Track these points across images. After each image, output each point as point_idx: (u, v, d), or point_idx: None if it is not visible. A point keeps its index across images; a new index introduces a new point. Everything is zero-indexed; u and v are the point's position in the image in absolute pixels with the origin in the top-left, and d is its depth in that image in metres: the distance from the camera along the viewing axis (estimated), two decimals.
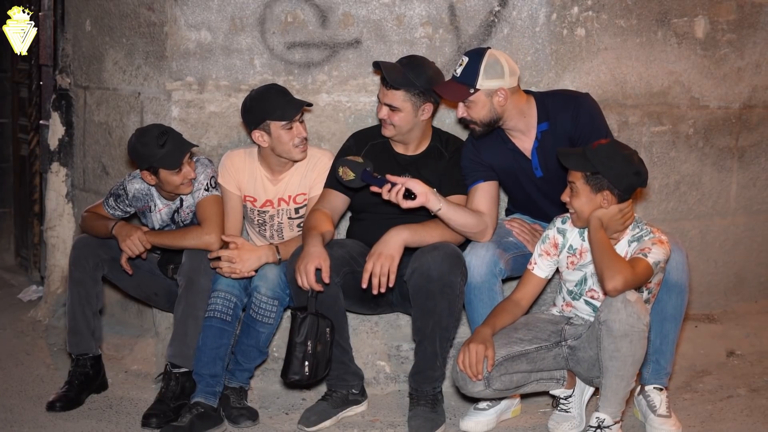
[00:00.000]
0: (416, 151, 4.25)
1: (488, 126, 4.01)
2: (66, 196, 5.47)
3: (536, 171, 4.10)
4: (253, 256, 4.09)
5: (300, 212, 4.34)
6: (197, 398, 4.01)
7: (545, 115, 4.05)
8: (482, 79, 3.92)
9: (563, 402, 4.03)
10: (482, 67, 3.92)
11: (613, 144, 3.76)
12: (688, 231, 5.04)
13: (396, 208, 3.97)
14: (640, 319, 3.56)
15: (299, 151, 4.23)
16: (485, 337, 3.75)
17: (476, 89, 3.92)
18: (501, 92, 3.94)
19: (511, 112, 4.00)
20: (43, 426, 4.01)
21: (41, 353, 4.90)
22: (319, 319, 3.90)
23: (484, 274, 3.97)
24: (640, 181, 3.75)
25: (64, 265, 5.20)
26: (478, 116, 3.98)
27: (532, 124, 4.06)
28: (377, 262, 3.85)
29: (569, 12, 4.60)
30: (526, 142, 4.09)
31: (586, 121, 4.00)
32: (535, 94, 4.12)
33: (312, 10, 4.58)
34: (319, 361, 3.92)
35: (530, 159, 4.09)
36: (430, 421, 3.97)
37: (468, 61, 3.95)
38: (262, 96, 4.21)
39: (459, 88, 3.97)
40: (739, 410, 4.26)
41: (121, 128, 4.97)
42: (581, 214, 3.75)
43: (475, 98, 3.94)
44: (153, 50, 4.76)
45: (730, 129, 5.07)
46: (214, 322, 4.05)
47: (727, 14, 4.94)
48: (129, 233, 4.19)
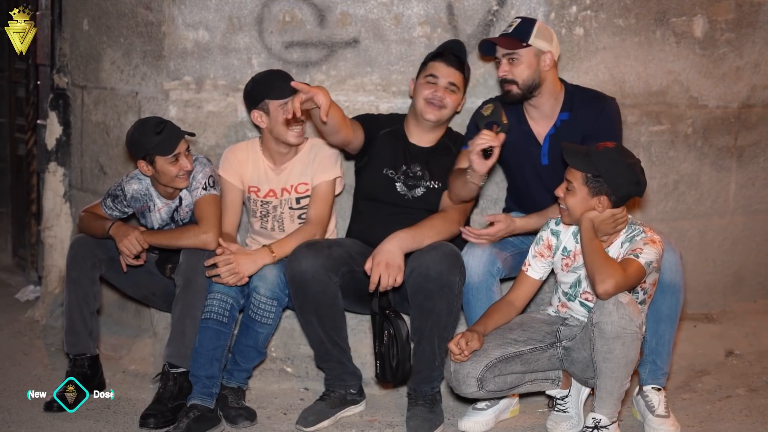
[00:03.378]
0: (429, 143, 4.31)
1: (527, 90, 4.06)
2: (63, 195, 5.46)
3: (543, 158, 4.12)
4: (249, 261, 4.08)
5: (301, 203, 4.34)
6: (193, 400, 3.99)
7: (569, 106, 4.13)
8: (534, 38, 4.02)
9: (560, 402, 4.03)
10: (535, 28, 4.04)
11: (618, 149, 3.75)
12: (687, 231, 5.03)
13: (398, 201, 4.17)
14: (632, 321, 3.56)
15: (294, 135, 4.25)
16: (473, 330, 3.78)
17: (528, 44, 4.01)
18: (549, 56, 4.05)
19: (548, 85, 4.08)
20: (41, 426, 4.00)
21: (39, 353, 4.89)
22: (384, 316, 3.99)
23: (481, 273, 3.97)
24: (638, 191, 3.76)
25: (61, 265, 5.19)
26: (521, 76, 4.04)
27: (555, 110, 4.13)
28: (384, 272, 3.87)
29: (567, 11, 4.60)
30: (543, 126, 4.14)
31: (605, 123, 4.06)
32: (567, 84, 4.21)
33: (310, 9, 4.57)
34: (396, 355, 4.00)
35: (541, 145, 4.11)
36: (428, 421, 3.96)
37: (520, 22, 4.08)
38: (264, 78, 4.28)
39: (511, 40, 4.04)
40: (738, 410, 4.26)
41: (118, 128, 4.96)
42: (572, 213, 3.75)
43: (525, 53, 4.02)
44: (151, 50, 4.76)
45: (729, 128, 5.07)
46: (210, 323, 4.04)
47: (726, 13, 4.94)
48: (126, 233, 4.18)
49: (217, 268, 4.04)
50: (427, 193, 4.24)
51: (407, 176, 4.26)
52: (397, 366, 3.95)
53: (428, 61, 4.25)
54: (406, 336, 3.94)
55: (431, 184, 4.25)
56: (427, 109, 4.20)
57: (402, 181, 4.26)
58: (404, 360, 3.95)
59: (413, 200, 4.25)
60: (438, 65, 4.22)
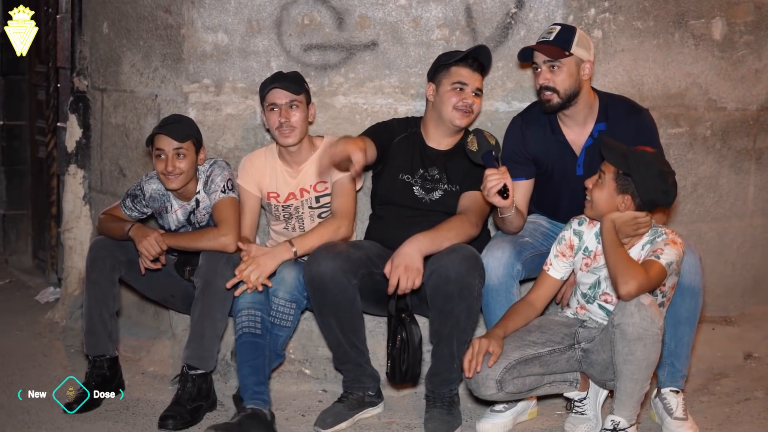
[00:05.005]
0: (447, 147, 4.30)
1: (567, 99, 4.05)
2: (83, 198, 5.49)
3: (578, 168, 4.12)
4: (268, 258, 4.09)
5: (321, 201, 4.35)
6: (249, 405, 3.97)
7: (605, 116, 4.12)
8: (576, 46, 4.02)
9: (578, 404, 4.02)
10: (576, 36, 4.03)
11: (656, 156, 3.76)
12: (705, 233, 5.02)
13: (416, 205, 4.16)
14: (653, 323, 3.55)
15: (282, 135, 4.24)
16: (493, 335, 3.76)
17: (570, 53, 4.00)
18: (588, 65, 4.05)
19: (585, 93, 4.08)
20: (60, 427, 4.02)
21: (58, 355, 4.91)
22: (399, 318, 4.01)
23: (501, 276, 3.97)
24: (665, 201, 3.75)
25: (81, 267, 5.22)
26: (562, 84, 4.03)
27: (590, 120, 4.12)
28: (403, 275, 3.86)
29: (586, 14, 4.60)
30: (579, 136, 4.13)
31: (648, 137, 4.07)
32: (599, 93, 4.20)
33: (328, 12, 4.58)
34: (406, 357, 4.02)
35: (577, 155, 4.12)
36: (446, 423, 3.97)
37: (560, 29, 4.06)
38: (269, 79, 4.34)
39: (554, 48, 4.03)
40: (757, 413, 4.25)
41: (138, 130, 4.99)
42: (596, 207, 3.75)
43: (567, 62, 4.01)
44: (170, 52, 4.78)
45: (748, 131, 5.05)
46: (245, 338, 4.04)
47: (745, 16, 4.92)
48: (146, 234, 4.20)
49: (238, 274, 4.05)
50: (444, 196, 4.24)
51: (425, 180, 4.26)
52: (407, 370, 3.96)
53: (450, 66, 4.21)
54: (418, 341, 3.96)
55: (449, 187, 4.24)
56: (456, 115, 4.19)
57: (419, 185, 4.26)
58: (414, 365, 3.97)
59: (431, 203, 4.25)
60: (464, 72, 4.19)
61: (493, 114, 4.58)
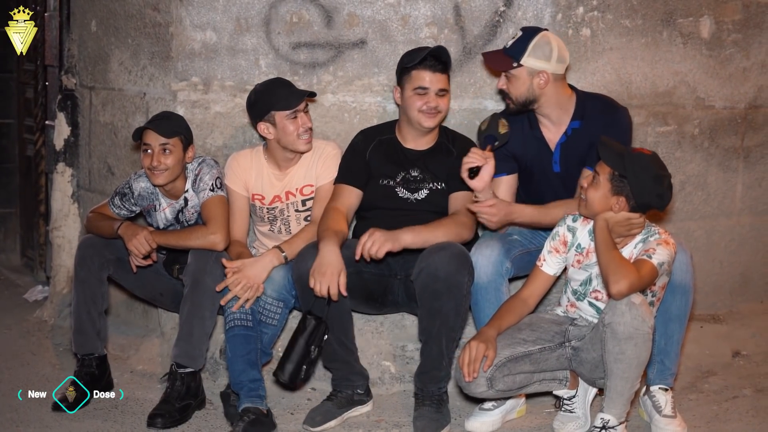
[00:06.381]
0: (426, 146, 4.28)
1: (522, 105, 4.04)
2: (71, 196, 5.47)
3: (555, 165, 4.12)
4: (258, 268, 4.08)
5: (307, 204, 4.34)
6: (245, 404, 3.97)
7: (581, 114, 4.10)
8: (528, 57, 3.97)
9: (567, 402, 4.03)
10: (531, 45, 3.97)
11: (653, 158, 3.73)
12: (694, 231, 5.04)
13: (402, 206, 4.12)
14: (644, 322, 3.55)
15: (304, 142, 4.24)
16: (488, 337, 3.75)
17: (519, 64, 3.97)
18: (543, 75, 3.99)
19: (549, 98, 4.04)
20: (49, 426, 4.02)
21: (47, 353, 4.90)
22: (325, 326, 3.91)
23: (490, 273, 3.97)
24: (659, 204, 3.75)
25: (69, 265, 5.20)
26: (515, 92, 4.02)
27: (565, 118, 4.10)
28: (370, 239, 3.85)
29: (574, 12, 4.61)
30: (555, 133, 4.12)
31: (617, 133, 4.01)
32: (578, 92, 4.17)
33: (317, 10, 4.58)
34: (314, 366, 3.95)
35: (552, 152, 4.11)
36: (435, 422, 3.97)
37: (520, 36, 4.01)
38: (267, 88, 4.26)
39: (504, 59, 4.01)
40: (745, 410, 4.26)
41: (126, 129, 4.97)
42: (590, 206, 3.74)
43: (517, 73, 3.99)
44: (158, 51, 4.77)
45: (736, 129, 5.07)
46: (236, 330, 4.04)
47: (733, 14, 4.94)
48: (135, 233, 4.19)
49: (230, 291, 4.04)
50: (431, 194, 4.23)
51: (407, 181, 4.24)
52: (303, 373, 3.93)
53: (411, 70, 4.15)
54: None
55: (434, 185, 4.23)
56: (422, 117, 4.16)
57: (402, 186, 4.24)
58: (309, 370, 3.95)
59: (417, 203, 4.23)
60: (424, 74, 4.13)
61: (482, 112, 4.58)
